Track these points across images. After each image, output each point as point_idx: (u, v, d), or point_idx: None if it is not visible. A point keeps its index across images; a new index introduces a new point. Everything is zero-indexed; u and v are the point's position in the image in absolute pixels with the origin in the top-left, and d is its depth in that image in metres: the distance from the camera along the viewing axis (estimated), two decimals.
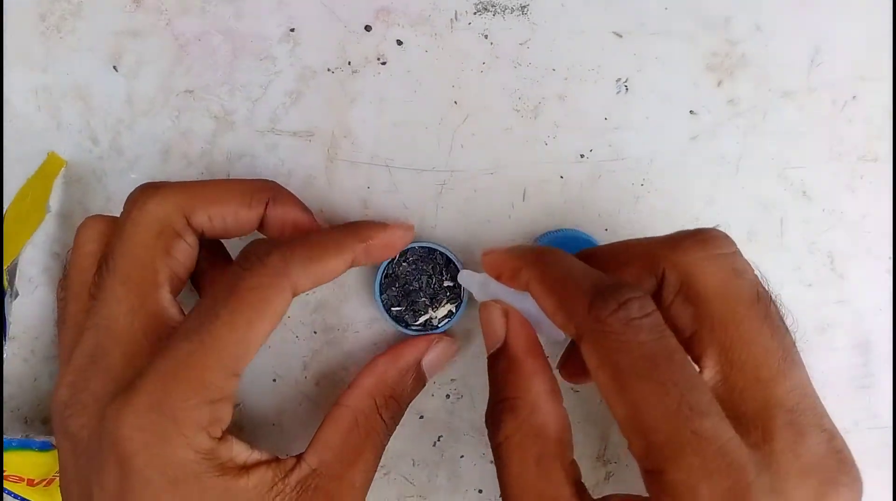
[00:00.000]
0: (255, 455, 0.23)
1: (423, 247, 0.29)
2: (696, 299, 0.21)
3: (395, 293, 0.29)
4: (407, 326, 0.29)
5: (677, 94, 0.30)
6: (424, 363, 0.28)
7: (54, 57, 0.30)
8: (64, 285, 0.26)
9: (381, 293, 0.29)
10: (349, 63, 0.30)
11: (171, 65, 0.30)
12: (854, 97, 0.31)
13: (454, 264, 0.29)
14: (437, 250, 0.29)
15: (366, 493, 0.25)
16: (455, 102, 0.30)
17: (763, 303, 0.21)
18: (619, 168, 0.31)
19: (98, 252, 0.25)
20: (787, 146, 0.31)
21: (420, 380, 0.28)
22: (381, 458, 0.26)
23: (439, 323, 0.30)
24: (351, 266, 0.25)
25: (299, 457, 0.24)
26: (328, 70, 0.30)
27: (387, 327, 0.31)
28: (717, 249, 0.22)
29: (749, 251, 0.31)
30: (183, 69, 0.30)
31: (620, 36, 0.30)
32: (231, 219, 0.26)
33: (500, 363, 0.23)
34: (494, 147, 0.30)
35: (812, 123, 0.31)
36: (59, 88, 0.30)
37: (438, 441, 0.32)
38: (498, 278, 0.24)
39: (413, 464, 0.32)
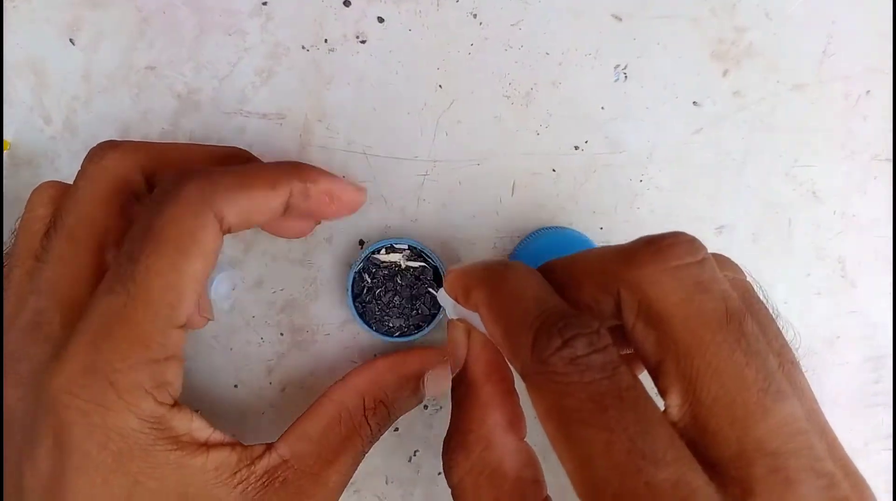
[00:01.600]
0: (218, 436, 0.21)
1: (402, 245, 0.27)
2: (656, 322, 0.17)
3: (369, 295, 0.27)
4: (379, 330, 0.27)
5: (680, 83, 0.28)
6: (427, 377, 0.26)
7: (7, 27, 0.28)
8: (9, 253, 0.25)
9: (353, 293, 0.27)
10: (326, 41, 0.28)
11: (133, 39, 0.28)
12: (868, 92, 0.29)
13: (436, 264, 0.27)
14: (417, 248, 0.27)
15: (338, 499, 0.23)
16: (440, 86, 0.28)
17: (735, 322, 0.17)
18: (617, 162, 0.28)
19: (48, 216, 0.23)
20: (797, 143, 0.29)
21: (416, 395, 0.26)
22: (357, 466, 0.24)
23: (418, 328, 0.27)
24: (287, 209, 0.23)
25: (269, 446, 0.22)
26: (302, 48, 0.28)
27: (361, 329, 0.28)
28: (677, 259, 0.18)
29: (754, 255, 0.29)
30: (145, 44, 0.28)
31: (620, 19, 0.28)
32: None
33: (458, 389, 0.21)
34: (482, 136, 0.28)
35: (823, 119, 0.29)
36: (10, 62, 0.28)
37: (414, 455, 0.29)
38: (455, 299, 0.21)
39: (386, 482, 0.29)
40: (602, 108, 0.28)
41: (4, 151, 0.28)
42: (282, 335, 0.29)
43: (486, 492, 0.19)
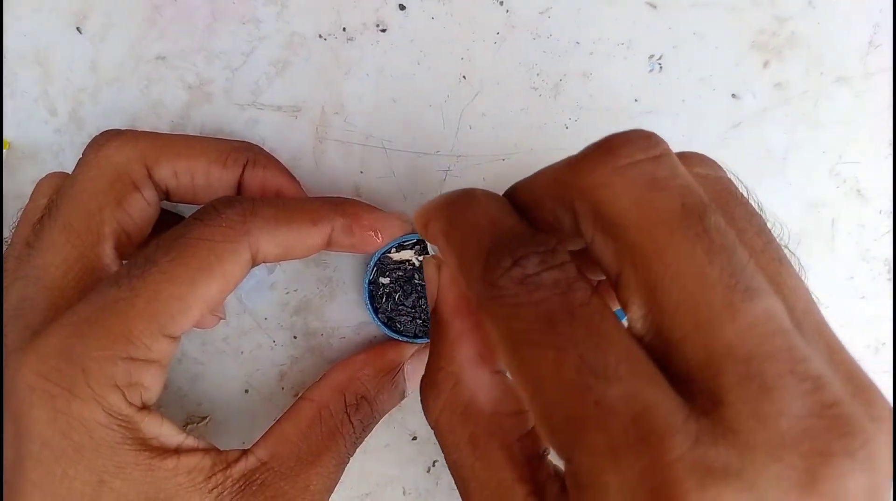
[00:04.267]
0: (190, 442, 0.20)
1: (411, 239, 0.25)
2: (611, 229, 0.16)
3: (387, 293, 0.25)
4: (400, 332, 0.26)
5: (718, 74, 0.27)
6: (407, 368, 0.25)
7: (11, 15, 0.27)
8: (9, 243, 0.24)
9: (369, 293, 0.25)
10: (344, 29, 0.26)
11: (143, 27, 0.27)
12: None
13: None
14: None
15: None
16: (464, 77, 0.27)
17: (694, 217, 0.15)
18: None
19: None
20: (841, 138, 0.27)
21: (398, 389, 0.25)
22: (343, 469, 0.22)
23: None
24: (328, 245, 0.22)
25: (245, 451, 0.21)
26: (320, 37, 0.26)
27: (378, 332, 0.27)
28: (627, 157, 0.16)
29: (796, 256, 0.28)
30: (156, 33, 0.27)
31: (655, 7, 0.27)
32: (201, 177, 0.23)
33: (431, 327, 0.20)
34: (508, 129, 0.27)
35: (869, 113, 0.27)
36: (14, 51, 0.27)
37: (433, 466, 0.28)
38: (422, 234, 0.20)
39: (403, 493, 0.28)
40: (635, 100, 0.27)
41: (5, 150, 0.27)
42: (295, 338, 0.27)
43: (460, 430, 0.18)
